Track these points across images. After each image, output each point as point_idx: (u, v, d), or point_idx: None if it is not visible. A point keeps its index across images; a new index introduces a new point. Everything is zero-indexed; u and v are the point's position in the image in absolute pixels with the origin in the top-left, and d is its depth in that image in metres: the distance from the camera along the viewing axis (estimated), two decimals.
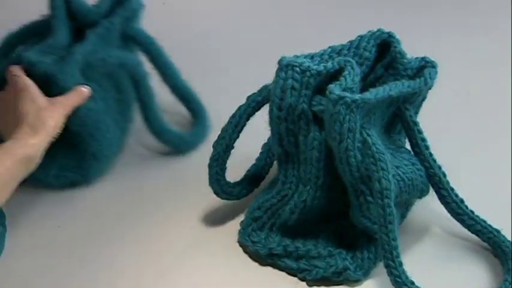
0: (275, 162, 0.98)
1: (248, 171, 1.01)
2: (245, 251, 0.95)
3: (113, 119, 1.03)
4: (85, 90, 0.97)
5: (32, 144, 0.87)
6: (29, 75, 0.95)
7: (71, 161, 1.01)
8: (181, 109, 1.14)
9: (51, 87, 0.95)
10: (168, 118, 1.10)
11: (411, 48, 0.96)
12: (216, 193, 0.97)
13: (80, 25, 1.04)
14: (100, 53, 1.01)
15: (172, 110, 1.10)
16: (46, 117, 0.90)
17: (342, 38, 0.96)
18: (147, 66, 1.09)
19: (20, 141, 0.87)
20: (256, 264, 0.93)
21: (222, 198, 0.98)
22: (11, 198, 0.87)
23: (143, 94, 1.06)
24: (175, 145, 1.09)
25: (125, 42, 1.07)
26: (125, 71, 1.05)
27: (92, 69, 1.00)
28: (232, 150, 0.96)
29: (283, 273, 0.92)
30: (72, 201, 1.01)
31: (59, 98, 0.94)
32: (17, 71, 0.95)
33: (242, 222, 0.96)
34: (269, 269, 0.93)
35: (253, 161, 1.02)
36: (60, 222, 0.97)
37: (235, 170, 1.00)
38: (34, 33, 1.06)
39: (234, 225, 0.98)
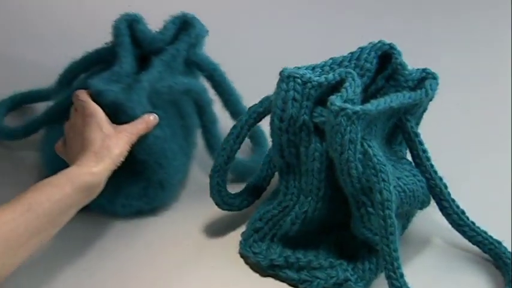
0: (276, 173, 0.98)
1: (249, 182, 1.01)
2: (246, 262, 0.95)
3: (178, 145, 1.01)
4: (152, 118, 0.95)
5: (94, 172, 0.86)
6: (95, 103, 0.93)
7: (137, 189, 0.98)
8: None
9: (118, 116, 0.94)
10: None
11: (412, 59, 0.97)
12: (217, 204, 0.97)
13: (144, 52, 1.03)
14: (166, 80, 0.99)
15: None
16: (111, 145, 0.89)
17: (343, 49, 0.96)
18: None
19: (82, 167, 0.86)
20: (257, 275, 0.93)
21: (223, 209, 0.98)
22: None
23: (207, 120, 1.05)
24: (237, 172, 1.06)
25: (188, 67, 1.06)
26: (190, 97, 1.04)
27: (158, 96, 0.99)
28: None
29: (284, 285, 0.92)
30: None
31: (126, 126, 0.93)
32: (83, 96, 0.94)
33: (243, 233, 0.96)
34: (270, 280, 0.92)
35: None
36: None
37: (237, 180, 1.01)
38: (97, 61, 1.06)
39: (235, 236, 0.97)
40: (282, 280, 0.92)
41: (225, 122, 1.07)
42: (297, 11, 1.61)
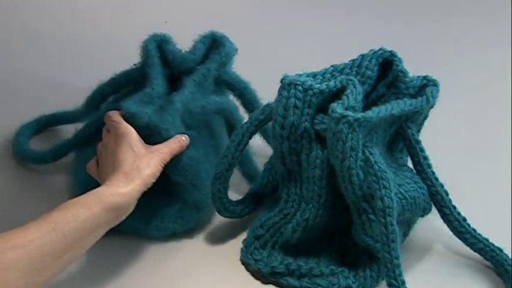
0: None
1: (250, 189, 1.01)
2: (247, 269, 0.94)
3: (211, 166, 0.99)
4: (184, 139, 0.94)
5: (123, 192, 0.84)
6: (129, 125, 0.93)
7: (173, 211, 0.97)
8: (270, 151, 1.07)
9: (153, 137, 0.93)
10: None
11: (413, 66, 0.97)
12: (218, 211, 0.97)
13: (174, 72, 1.02)
14: (199, 100, 0.99)
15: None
16: (142, 166, 0.87)
17: (344, 56, 0.96)
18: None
19: (111, 188, 0.84)
20: (258, 282, 0.93)
21: (224, 216, 0.98)
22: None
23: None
24: None
25: (218, 86, 1.05)
26: (221, 116, 1.03)
27: (191, 116, 0.97)
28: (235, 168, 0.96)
29: None
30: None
31: (158, 146, 0.92)
32: (116, 116, 0.94)
33: (244, 240, 0.96)
34: (271, 287, 0.92)
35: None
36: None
37: (239, 187, 1.00)
38: (126, 83, 1.05)
39: (236, 243, 0.97)
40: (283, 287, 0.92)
41: (254, 139, 1.03)
42: (298, 17, 1.61)
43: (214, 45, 1.05)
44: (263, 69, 1.26)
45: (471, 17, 1.63)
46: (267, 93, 0.93)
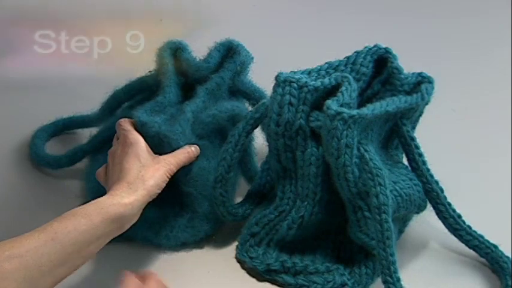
0: None
1: (250, 190, 1.00)
2: (243, 267, 0.94)
3: None
4: (193, 150, 0.94)
5: (125, 203, 0.83)
6: (140, 134, 0.92)
7: (183, 221, 0.96)
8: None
9: (162, 147, 0.92)
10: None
11: (408, 64, 0.97)
12: (222, 216, 0.95)
13: (188, 80, 1.01)
14: (210, 109, 0.98)
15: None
16: (147, 176, 0.87)
17: (339, 53, 0.96)
18: None
19: (114, 198, 0.83)
20: (254, 280, 0.93)
21: (228, 220, 0.96)
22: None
23: (249, 143, 1.03)
24: None
25: (233, 95, 1.04)
26: (232, 122, 1.01)
27: (202, 126, 0.97)
28: None
29: None
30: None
31: (165, 157, 0.91)
32: (126, 125, 0.93)
33: (240, 237, 0.96)
34: (267, 285, 0.92)
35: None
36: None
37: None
38: (141, 89, 1.04)
39: (231, 241, 0.97)
40: (279, 285, 0.92)
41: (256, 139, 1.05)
42: (293, 14, 1.61)
43: (229, 54, 1.03)
44: (261, 68, 1.26)
45: (468, 15, 1.63)
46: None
